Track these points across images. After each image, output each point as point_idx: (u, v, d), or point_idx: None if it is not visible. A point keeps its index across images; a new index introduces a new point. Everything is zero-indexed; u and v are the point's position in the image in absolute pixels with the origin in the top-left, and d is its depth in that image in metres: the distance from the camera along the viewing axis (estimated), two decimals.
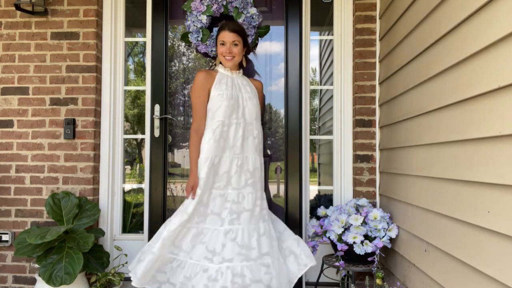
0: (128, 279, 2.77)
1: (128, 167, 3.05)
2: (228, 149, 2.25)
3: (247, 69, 2.70)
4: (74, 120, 2.75)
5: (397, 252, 2.27)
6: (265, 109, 2.85)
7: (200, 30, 2.73)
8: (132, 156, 3.08)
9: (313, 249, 2.39)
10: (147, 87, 2.86)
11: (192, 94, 2.29)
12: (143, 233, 2.85)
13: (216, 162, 2.21)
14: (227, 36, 2.28)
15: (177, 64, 2.92)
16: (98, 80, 2.82)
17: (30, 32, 2.79)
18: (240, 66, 2.45)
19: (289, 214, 2.70)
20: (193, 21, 2.73)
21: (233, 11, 2.73)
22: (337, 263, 2.30)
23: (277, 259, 2.20)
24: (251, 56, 2.80)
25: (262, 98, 2.54)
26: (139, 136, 3.04)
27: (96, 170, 2.79)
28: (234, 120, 2.26)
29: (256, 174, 2.28)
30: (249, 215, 2.21)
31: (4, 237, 2.71)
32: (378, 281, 2.13)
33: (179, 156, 2.94)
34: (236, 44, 2.30)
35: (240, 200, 2.22)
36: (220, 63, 2.39)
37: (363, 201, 2.45)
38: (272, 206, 2.77)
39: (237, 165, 2.24)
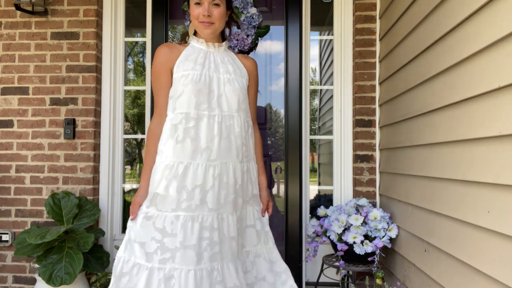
0: None
1: (128, 167, 3.05)
2: (199, 153, 1.61)
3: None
4: (74, 120, 2.75)
5: (397, 252, 2.27)
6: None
7: None
8: (132, 156, 3.08)
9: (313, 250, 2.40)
10: (147, 87, 2.86)
11: (151, 77, 1.71)
12: None
13: (181, 172, 1.58)
14: None
15: None
16: (98, 80, 2.81)
17: (30, 32, 2.79)
18: (222, 38, 1.83)
19: (289, 214, 2.70)
20: None
21: None
22: (337, 263, 2.30)
23: None
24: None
25: (255, 83, 1.88)
26: (139, 136, 3.04)
27: (96, 170, 2.79)
28: (205, 112, 1.63)
29: (239, 189, 1.68)
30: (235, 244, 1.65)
31: (4, 237, 2.71)
32: (378, 281, 2.13)
33: None
34: (217, 4, 1.65)
35: (219, 225, 1.62)
36: (194, 33, 1.77)
37: (363, 201, 2.45)
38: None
39: (213, 176, 1.61)
